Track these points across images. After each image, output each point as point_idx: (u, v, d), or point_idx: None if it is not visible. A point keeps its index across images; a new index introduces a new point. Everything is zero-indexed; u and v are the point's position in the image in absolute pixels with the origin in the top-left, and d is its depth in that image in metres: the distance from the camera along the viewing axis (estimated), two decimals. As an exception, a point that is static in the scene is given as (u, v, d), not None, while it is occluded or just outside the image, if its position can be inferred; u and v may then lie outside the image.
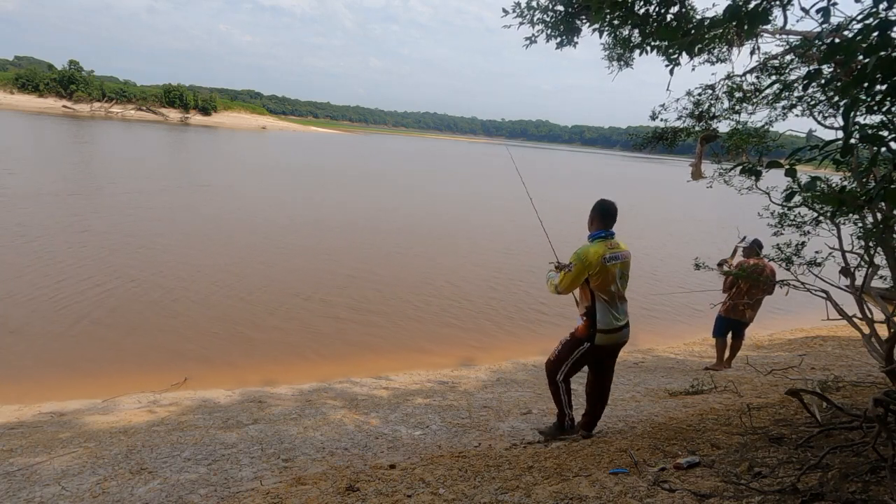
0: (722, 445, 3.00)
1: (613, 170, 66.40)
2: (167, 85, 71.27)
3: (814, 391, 2.87)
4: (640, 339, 8.15)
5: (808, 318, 9.30)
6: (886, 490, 1.94)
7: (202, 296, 8.11)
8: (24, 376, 5.52)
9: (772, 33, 3.97)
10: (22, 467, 3.33)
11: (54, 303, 7.21)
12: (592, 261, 3.29)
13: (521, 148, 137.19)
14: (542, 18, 3.74)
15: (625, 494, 2.38)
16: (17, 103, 57.43)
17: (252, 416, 4.42)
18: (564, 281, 3.41)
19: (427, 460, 3.33)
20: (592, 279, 3.33)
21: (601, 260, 3.30)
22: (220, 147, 39.95)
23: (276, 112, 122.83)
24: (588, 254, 3.32)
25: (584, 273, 3.32)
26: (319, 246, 12.04)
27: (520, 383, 5.76)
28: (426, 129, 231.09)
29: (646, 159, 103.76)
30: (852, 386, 4.26)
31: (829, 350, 7.05)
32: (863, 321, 3.46)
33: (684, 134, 4.98)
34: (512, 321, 8.56)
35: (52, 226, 11.04)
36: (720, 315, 6.12)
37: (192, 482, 3.10)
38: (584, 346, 3.45)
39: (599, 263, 3.29)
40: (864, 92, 1.57)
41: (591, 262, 3.30)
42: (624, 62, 4.55)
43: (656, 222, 21.55)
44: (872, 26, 1.49)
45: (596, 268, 3.30)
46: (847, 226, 3.97)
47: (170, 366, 5.98)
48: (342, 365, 6.45)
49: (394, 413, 4.55)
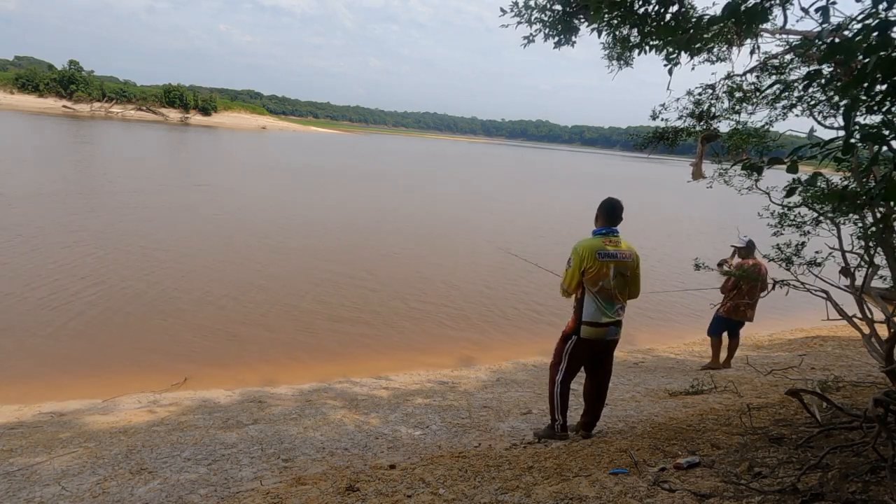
0: (722, 445, 3.00)
1: (613, 170, 66.39)
2: (167, 85, 71.27)
3: (814, 391, 2.87)
4: (640, 339, 8.14)
5: (808, 318, 9.29)
6: (886, 490, 1.94)
7: (202, 296, 8.11)
8: (24, 376, 5.52)
9: (772, 33, 3.96)
10: (22, 467, 3.33)
11: (54, 303, 7.21)
12: (585, 255, 3.36)
13: (521, 148, 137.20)
14: (539, 18, 3.73)
15: (625, 494, 2.38)
16: (17, 103, 57.42)
17: (252, 416, 4.42)
18: (566, 277, 3.46)
19: (427, 460, 3.33)
20: (585, 273, 3.37)
21: (595, 254, 3.34)
22: (220, 147, 39.96)
23: (276, 112, 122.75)
24: (582, 247, 3.39)
25: (581, 266, 3.37)
26: (319, 246, 12.04)
27: (520, 383, 5.76)
28: (426, 129, 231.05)
29: (646, 159, 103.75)
30: (852, 386, 4.25)
31: (829, 350, 7.05)
32: (863, 321, 3.46)
33: (685, 134, 4.97)
34: (512, 321, 8.56)
35: (50, 226, 11.04)
36: (720, 315, 6.12)
37: (192, 482, 3.10)
38: (572, 339, 3.49)
39: (593, 257, 3.34)
40: (864, 92, 1.57)
41: (583, 255, 3.36)
42: (623, 62, 4.53)
43: (656, 222, 21.54)
44: (872, 26, 1.49)
45: (589, 261, 3.34)
46: (847, 226, 3.97)
47: (170, 366, 5.97)
48: (342, 365, 6.45)
49: (394, 413, 4.55)
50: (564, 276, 3.47)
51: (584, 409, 3.77)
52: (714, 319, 6.20)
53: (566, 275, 3.45)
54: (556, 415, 3.61)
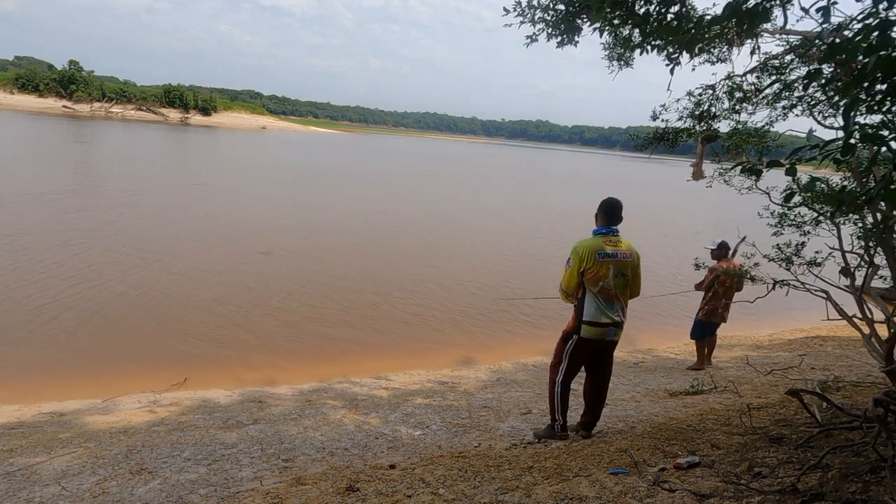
0: (722, 445, 3.00)
1: (613, 170, 66.38)
2: (167, 85, 71.25)
3: (814, 391, 2.87)
4: (640, 339, 8.15)
5: (808, 318, 9.29)
6: (886, 490, 1.94)
7: (202, 296, 8.10)
8: (24, 376, 5.52)
9: (772, 33, 3.96)
10: (22, 467, 3.33)
11: (53, 303, 7.20)
12: (584, 255, 3.34)
13: (521, 148, 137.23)
14: (542, 17, 3.73)
15: (625, 494, 2.38)
16: (17, 103, 57.41)
17: (252, 416, 4.42)
18: (565, 278, 3.44)
19: (427, 460, 3.33)
20: (585, 273, 3.36)
21: (595, 255, 3.33)
22: (220, 147, 39.95)
23: (276, 112, 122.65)
24: (582, 247, 3.37)
25: (580, 266, 3.36)
26: (319, 246, 12.04)
27: (520, 383, 5.76)
28: (426, 129, 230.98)
29: (646, 159, 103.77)
30: (852, 386, 4.26)
31: (829, 350, 7.05)
32: (863, 321, 3.47)
33: (685, 134, 4.97)
34: (511, 321, 8.56)
35: (49, 226, 11.03)
36: (700, 319, 6.29)
37: (192, 482, 3.10)
38: (573, 338, 3.48)
39: (592, 258, 3.33)
40: (864, 92, 1.57)
41: (583, 255, 3.35)
42: (624, 62, 4.54)
43: (656, 222, 21.54)
44: (872, 26, 1.49)
45: (588, 262, 3.33)
46: (847, 226, 3.97)
47: (170, 366, 5.97)
48: (342, 365, 6.44)
49: (394, 413, 4.55)
50: (563, 277, 3.46)
51: (584, 409, 3.77)
52: (695, 324, 6.37)
53: (565, 275, 3.44)
54: (556, 415, 3.61)
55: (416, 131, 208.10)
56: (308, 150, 46.32)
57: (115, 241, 10.47)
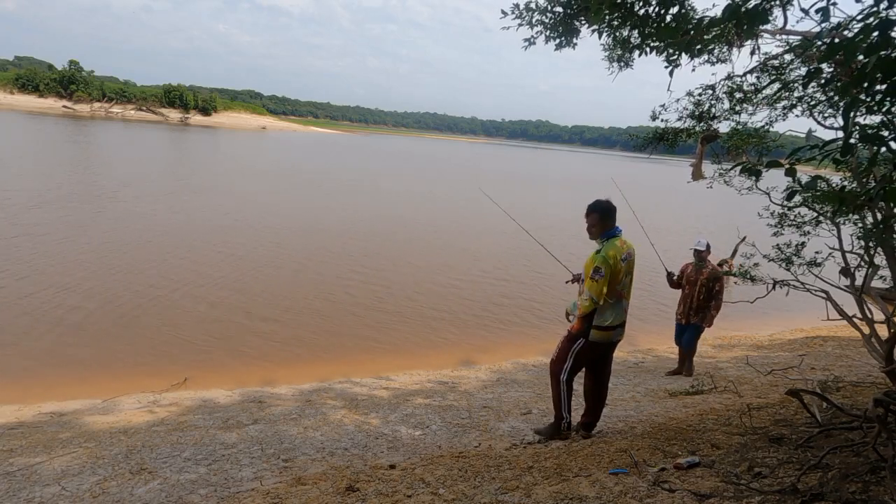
0: (722, 445, 3.00)
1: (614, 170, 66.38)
2: (167, 85, 71.22)
3: (814, 391, 2.87)
4: (640, 339, 8.15)
5: (808, 318, 9.28)
6: (886, 490, 1.94)
7: (202, 297, 8.11)
8: (24, 376, 5.52)
9: (772, 33, 3.96)
10: (22, 467, 3.33)
11: (53, 303, 7.21)
12: (614, 264, 3.30)
13: (521, 148, 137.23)
14: (540, 20, 3.72)
15: (625, 494, 2.38)
16: (17, 103, 57.41)
17: (252, 417, 4.42)
18: (596, 290, 3.29)
19: (427, 460, 3.33)
20: (612, 279, 3.33)
21: (620, 261, 3.33)
22: (220, 148, 39.93)
23: (276, 112, 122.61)
24: (611, 256, 3.31)
25: (611, 275, 3.30)
26: (320, 247, 12.04)
27: (520, 383, 5.76)
28: (426, 129, 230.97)
29: (646, 160, 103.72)
30: (852, 386, 4.26)
31: (829, 350, 7.05)
32: (863, 321, 3.46)
33: (685, 134, 4.96)
34: (511, 322, 8.56)
35: (51, 227, 11.03)
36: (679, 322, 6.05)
37: (192, 482, 3.10)
38: (580, 340, 3.45)
39: (619, 264, 3.32)
40: (864, 92, 1.57)
41: (614, 265, 3.30)
42: (624, 63, 4.53)
43: (655, 222, 21.52)
44: (872, 26, 1.49)
45: (616, 268, 3.31)
46: (847, 226, 3.97)
47: (170, 366, 5.98)
48: (342, 365, 6.45)
49: (394, 413, 4.55)
50: (593, 288, 3.28)
51: (585, 409, 3.77)
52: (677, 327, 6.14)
53: (597, 286, 3.27)
54: (564, 412, 3.59)
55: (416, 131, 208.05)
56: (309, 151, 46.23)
57: (115, 241, 10.47)
